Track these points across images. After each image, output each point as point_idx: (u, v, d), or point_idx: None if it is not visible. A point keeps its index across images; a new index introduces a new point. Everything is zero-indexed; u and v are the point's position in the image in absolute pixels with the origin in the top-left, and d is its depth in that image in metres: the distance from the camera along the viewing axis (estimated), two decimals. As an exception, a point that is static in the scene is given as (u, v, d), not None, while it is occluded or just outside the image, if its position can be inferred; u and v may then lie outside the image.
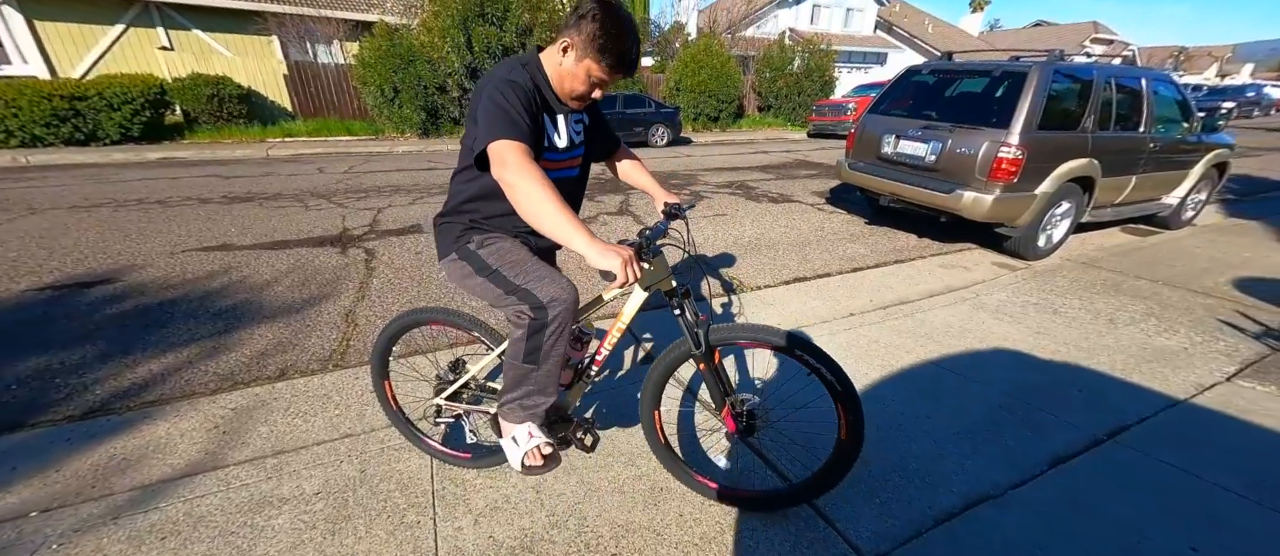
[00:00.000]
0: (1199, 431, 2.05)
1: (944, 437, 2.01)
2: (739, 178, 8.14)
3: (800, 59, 17.75)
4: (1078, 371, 2.52)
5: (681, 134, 13.52)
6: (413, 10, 13.08)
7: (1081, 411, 2.18)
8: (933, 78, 5.00)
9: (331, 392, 2.26)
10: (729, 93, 16.08)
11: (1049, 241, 4.44)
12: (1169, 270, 4.02)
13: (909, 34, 27.41)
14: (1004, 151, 3.93)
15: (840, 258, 4.48)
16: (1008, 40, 38.90)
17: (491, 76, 1.24)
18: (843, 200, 6.60)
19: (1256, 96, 24.50)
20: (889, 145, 4.84)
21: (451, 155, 9.93)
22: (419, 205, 5.77)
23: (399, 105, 11.94)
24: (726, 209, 6.05)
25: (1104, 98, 4.25)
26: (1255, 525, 1.60)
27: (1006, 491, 1.72)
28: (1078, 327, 3.01)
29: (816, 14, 25.63)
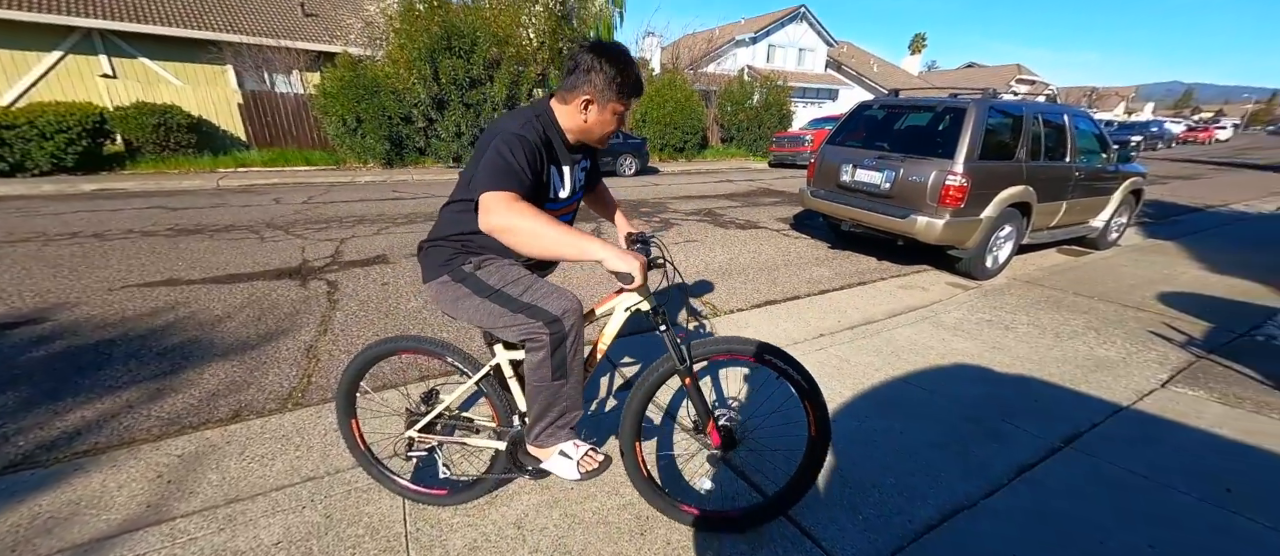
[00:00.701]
0: (1144, 435, 2.20)
1: (917, 451, 2.07)
2: (707, 205, 8.36)
3: (759, 94, 18.68)
4: (1032, 383, 2.67)
5: (649, 164, 13.82)
6: (377, 42, 13.04)
7: (1039, 421, 2.31)
8: (882, 112, 5.37)
9: (292, 433, 2.13)
10: (693, 124, 16.65)
11: (996, 262, 4.75)
12: (1101, 287, 4.36)
13: (857, 73, 29.38)
14: (950, 179, 4.23)
15: (807, 281, 4.63)
16: (944, 79, 42.24)
17: (502, 127, 1.26)
18: (806, 226, 6.87)
19: (1159, 132, 27.44)
20: (847, 174, 5.11)
21: (417, 185, 9.77)
22: (384, 236, 5.62)
23: (362, 135, 11.73)
24: (696, 235, 6.18)
25: (1033, 131, 4.67)
26: (1202, 521, 1.72)
27: (979, 501, 1.79)
28: (1028, 342, 3.20)
29: (772, 53, 27.16)
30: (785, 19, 26.90)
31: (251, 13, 14.50)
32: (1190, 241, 6.07)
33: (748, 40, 26.02)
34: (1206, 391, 2.55)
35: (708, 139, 19.31)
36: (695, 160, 17.14)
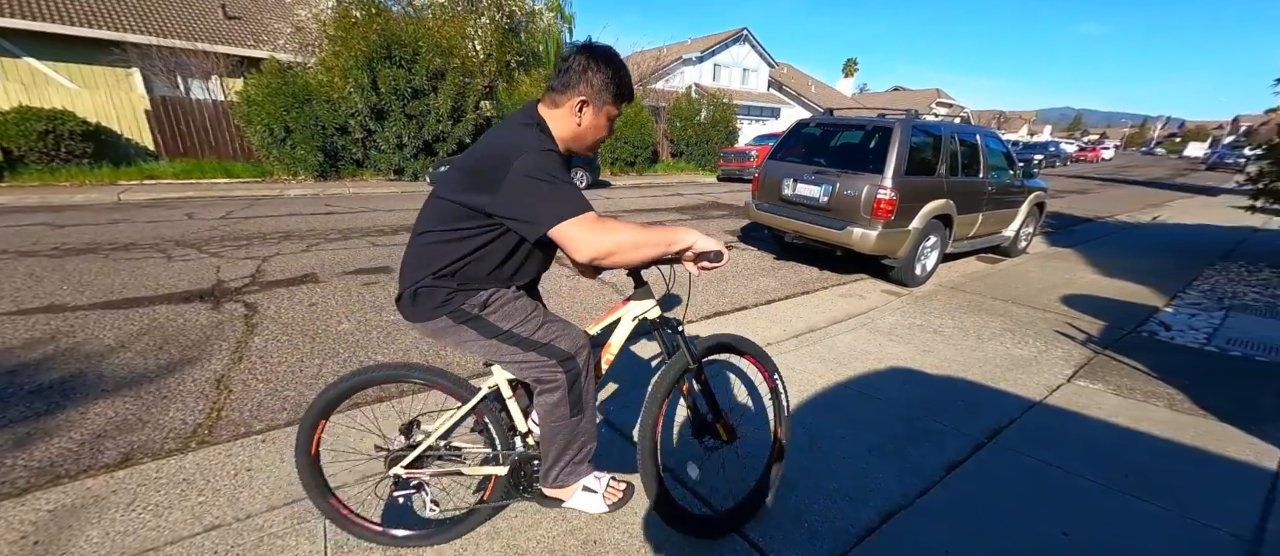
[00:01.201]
0: (1055, 427, 2.40)
1: (858, 454, 2.14)
2: (659, 217, 8.44)
3: (707, 111, 19.27)
4: (958, 383, 2.85)
5: (600, 177, 13.84)
6: (310, 48, 12.34)
7: (965, 418, 2.45)
8: (819, 130, 5.66)
9: (195, 476, 1.90)
10: (643, 139, 16.89)
11: (924, 270, 5.09)
12: (1014, 291, 4.76)
13: (796, 92, 31.02)
14: (881, 193, 4.50)
15: (754, 291, 4.75)
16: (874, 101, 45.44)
17: (516, 148, 1.16)
18: (753, 238, 7.08)
19: (1055, 151, 30.79)
20: (789, 188, 5.33)
21: (354, 199, 9.24)
22: (314, 253, 5.24)
23: (291, 146, 10.98)
24: (647, 249, 6.21)
25: (951, 149, 5.07)
26: (1108, 505, 1.87)
27: (914, 500, 1.86)
28: (954, 344, 3.43)
29: (718, 72, 28.17)
30: (729, 40, 28.03)
31: (165, 13, 13.34)
32: (1085, 249, 6.79)
33: (694, 59, 26.86)
34: (1104, 384, 2.83)
35: (658, 153, 19.64)
36: (646, 174, 17.36)
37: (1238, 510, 1.82)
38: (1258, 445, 2.21)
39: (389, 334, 3.28)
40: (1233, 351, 3.37)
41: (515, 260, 1.32)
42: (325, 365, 2.83)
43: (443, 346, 1.39)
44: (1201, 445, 2.22)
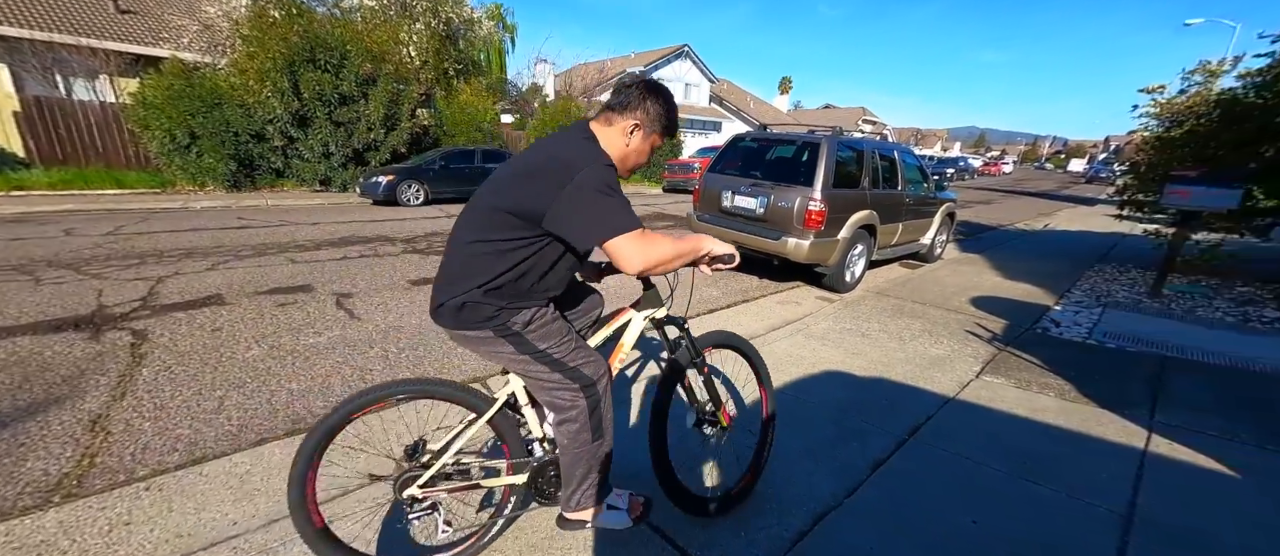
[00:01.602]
0: (966, 421, 2.60)
1: (793, 458, 2.21)
2: (602, 231, 8.44)
3: (651, 124, 19.61)
4: (883, 384, 3.03)
5: (544, 189, 13.68)
6: (220, 48, 11.35)
7: (889, 417, 2.61)
8: (755, 144, 5.90)
9: (55, 536, 1.63)
10: (588, 151, 16.91)
11: (853, 277, 5.40)
12: (931, 294, 5.16)
13: (736, 108, 32.30)
14: (811, 204, 4.74)
15: (698, 301, 4.83)
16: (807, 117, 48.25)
17: (582, 159, 1.21)
18: (696, 249, 7.22)
19: (964, 166, 34.05)
20: (728, 200, 5.50)
21: (273, 212, 8.52)
22: (221, 272, 4.76)
23: (198, 154, 9.99)
24: (591, 261, 6.17)
25: (873, 164, 5.45)
26: (1009, 491, 2.04)
27: (842, 501, 1.94)
28: (879, 347, 3.65)
29: (661, 86, 28.78)
30: (671, 56, 28.78)
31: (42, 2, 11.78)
32: (990, 254, 7.50)
33: (637, 73, 27.32)
34: (1006, 378, 3.11)
35: (604, 165, 19.69)
36: (592, 185, 17.34)
37: (1114, 488, 2.04)
38: (1129, 427, 2.51)
39: (307, 358, 3.02)
40: (1109, 344, 3.82)
41: (556, 273, 1.36)
42: (229, 397, 2.56)
43: (481, 357, 1.47)
44: (1084, 430, 2.49)
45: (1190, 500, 1.97)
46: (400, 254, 5.89)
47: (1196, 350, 3.67)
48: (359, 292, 4.33)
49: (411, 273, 5.11)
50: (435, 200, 10.47)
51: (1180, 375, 3.17)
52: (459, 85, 16.21)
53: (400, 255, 5.83)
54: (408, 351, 3.22)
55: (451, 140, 14.06)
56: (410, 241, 6.65)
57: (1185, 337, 3.95)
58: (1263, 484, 2.07)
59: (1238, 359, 3.49)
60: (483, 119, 15.10)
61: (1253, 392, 2.95)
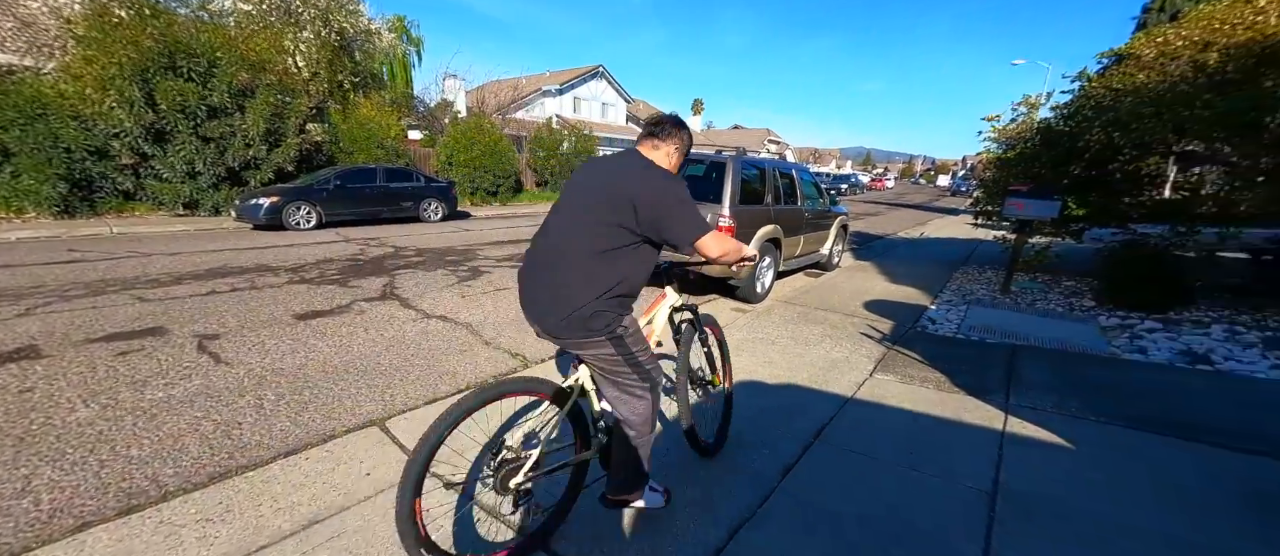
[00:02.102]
0: (862, 418, 2.82)
1: (711, 475, 2.24)
2: (521, 251, 8.18)
3: (569, 142, 19.59)
4: (792, 389, 3.21)
5: (459, 208, 13.02)
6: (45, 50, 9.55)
7: (797, 421, 2.75)
8: (668, 163, 6.08)
9: None
10: (505, 168, 16.43)
11: (763, 288, 5.72)
12: (831, 301, 5.62)
13: (653, 127, 33.36)
14: (721, 220, 4.97)
15: (617, 320, 4.82)
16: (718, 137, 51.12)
17: (671, 181, 1.56)
18: (615, 266, 7.25)
19: (856, 182, 38.02)
20: (643, 218, 5.59)
21: (119, 241, 7.21)
22: (39, 317, 3.90)
23: (13, 173, 8.25)
24: (509, 282, 5.94)
25: (775, 181, 5.86)
26: (899, 481, 2.23)
27: (755, 511, 2.00)
28: (789, 354, 3.87)
29: (578, 105, 28.96)
30: (587, 75, 29.12)
31: None
32: (879, 261, 8.36)
33: (554, 91, 27.26)
34: (894, 375, 3.44)
35: (522, 183, 19.27)
36: (511, 203, 16.85)
37: (981, 470, 2.31)
38: (990, 411, 2.87)
39: (153, 416, 2.55)
40: (973, 337, 4.39)
41: (642, 275, 1.62)
42: (39, 474, 2.07)
43: (594, 362, 1.61)
44: (957, 417, 2.81)
45: (1039, 472, 2.28)
46: (284, 284, 5.25)
47: (1037, 337, 4.33)
48: (228, 333, 3.77)
49: (297, 305, 4.56)
50: (330, 223, 9.54)
51: (1026, 360, 3.71)
52: (357, 99, 15.06)
53: (284, 286, 5.20)
54: (289, 397, 2.84)
55: (349, 158, 12.97)
56: (298, 270, 5.96)
57: (1028, 327, 4.65)
58: (1091, 452, 2.45)
59: (1065, 343, 4.17)
60: (386, 135, 14.12)
61: (1076, 370, 3.52)
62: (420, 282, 5.66)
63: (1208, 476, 2.23)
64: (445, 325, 4.26)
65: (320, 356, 3.44)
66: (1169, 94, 5.15)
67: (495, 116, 19.75)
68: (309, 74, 13.69)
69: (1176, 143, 5.65)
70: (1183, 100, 5.01)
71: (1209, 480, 2.21)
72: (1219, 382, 3.31)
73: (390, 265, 6.51)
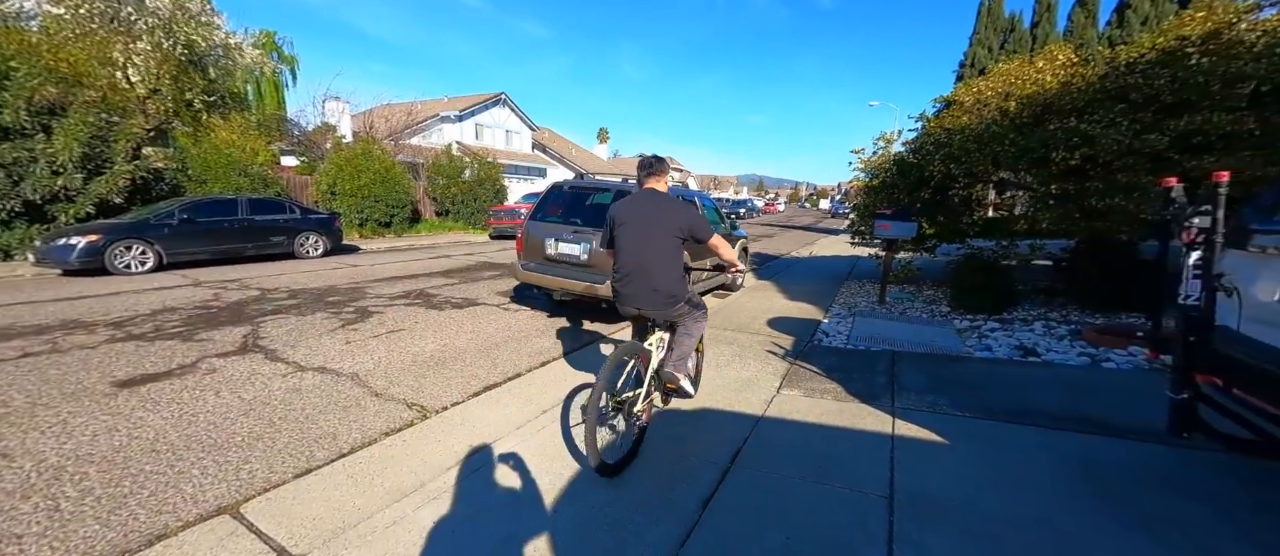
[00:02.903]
0: (773, 438, 2.92)
1: (630, 518, 2.14)
2: (418, 286, 7.54)
3: (472, 169, 18.79)
4: (709, 414, 3.24)
5: (344, 242, 11.75)
6: None
7: (714, 448, 2.77)
8: (573, 191, 6.05)
9: None
10: (399, 197, 15.25)
11: (675, 312, 5.84)
12: (737, 320, 5.89)
13: (560, 155, 33.35)
14: (632, 249, 5.02)
15: (529, 354, 4.59)
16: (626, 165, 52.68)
17: (690, 205, 3.23)
18: (527, 298, 6.97)
19: (752, 206, 41.25)
20: (552, 247, 5.46)
21: None
22: None
23: None
24: (404, 323, 5.40)
25: (681, 209, 6.08)
26: (809, 497, 2.31)
27: (678, 551, 1.94)
28: (704, 377, 3.93)
29: (480, 131, 28.07)
30: (489, 102, 28.43)
31: None
32: (776, 280, 9.00)
33: (454, 117, 26.16)
34: (799, 390, 3.64)
35: (420, 213, 18.03)
36: (407, 235, 15.62)
37: (878, 474, 2.49)
38: (880, 416, 3.15)
39: (-126, 547, 1.84)
40: (860, 346, 4.84)
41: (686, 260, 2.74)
42: None
43: (678, 318, 2.68)
44: (854, 425, 3.03)
45: (923, 470, 2.51)
46: (103, 344, 4.26)
47: (910, 342, 4.90)
48: (9, 415, 2.92)
49: (121, 368, 3.71)
50: (174, 264, 8.06)
51: (904, 365, 4.16)
52: (213, 121, 13.13)
53: (103, 346, 4.21)
54: (101, 491, 2.24)
55: (203, 187, 11.20)
56: (124, 324, 4.89)
57: (902, 334, 5.25)
58: (965, 446, 2.76)
59: (931, 346, 4.77)
60: (251, 161, 12.45)
61: (942, 370, 4.02)
62: (293, 329, 4.93)
63: (1057, 459, 2.59)
64: (324, 378, 3.73)
65: (150, 432, 2.79)
66: (986, 132, 6.27)
67: (387, 142, 18.39)
68: (146, 90, 11.68)
69: (995, 172, 6.88)
70: (996, 138, 6.13)
71: (1059, 462, 2.56)
72: (1046, 372, 3.97)
73: (254, 311, 5.61)
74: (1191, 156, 5.12)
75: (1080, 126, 5.47)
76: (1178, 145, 5.17)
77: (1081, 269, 5.72)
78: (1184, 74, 5.26)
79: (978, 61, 22.81)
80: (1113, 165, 5.41)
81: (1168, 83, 5.30)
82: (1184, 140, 5.16)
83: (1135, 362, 4.10)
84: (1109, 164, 5.43)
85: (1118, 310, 5.69)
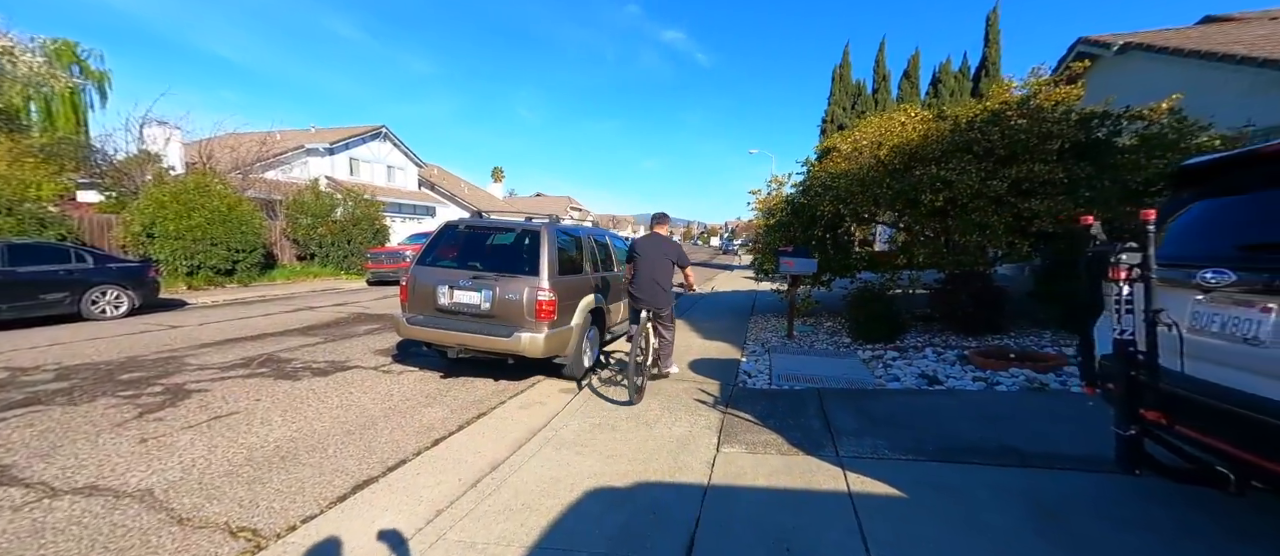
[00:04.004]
0: (727, 513, 2.52)
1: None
2: (267, 349, 6.07)
3: (345, 207, 16.61)
4: (646, 489, 2.76)
5: (163, 295, 9.34)
6: None
7: (660, 535, 2.29)
8: (470, 232, 5.35)
9: None
10: (246, 239, 12.78)
11: (589, 361, 5.30)
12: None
13: (450, 193, 31.33)
14: (541, 295, 4.45)
15: (417, 430, 3.73)
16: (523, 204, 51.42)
17: (678, 243, 5.11)
18: (413, 355, 5.93)
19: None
20: (445, 296, 4.67)
21: None
22: None
23: None
24: (239, 402, 4.16)
25: (591, 248, 5.68)
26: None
27: None
28: (632, 440, 3.45)
29: (356, 166, 25.31)
30: (367, 135, 25.90)
31: None
32: (688, 318, 8.92)
33: (323, 150, 23.26)
34: (740, 445, 3.33)
35: (276, 257, 15.36)
36: (257, 284, 13.08)
37: (850, 545, 2.21)
38: (830, 470, 2.93)
39: None
40: (784, 386, 4.75)
41: None
42: None
43: (658, 311, 4.62)
44: (809, 485, 2.76)
45: (896, 536, 2.29)
46: None
47: (827, 378, 4.94)
48: None
49: None
50: None
51: (832, 405, 4.08)
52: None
53: None
54: None
55: (-70, 230, 8.24)
56: None
57: (818, 369, 5.31)
58: (920, 498, 2.59)
59: (848, 381, 4.84)
60: (25, 196, 9.60)
61: (866, 407, 4.01)
62: (52, 429, 3.49)
63: (1010, 500, 2.49)
64: (91, 504, 2.55)
65: None
66: (868, 176, 6.90)
67: (233, 175, 15.56)
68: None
69: (877, 213, 7.59)
70: (876, 182, 6.76)
71: (1013, 503, 2.47)
72: (953, 400, 4.17)
73: (175, 368, 3.95)
74: (1023, 199, 6.05)
75: (941, 173, 6.22)
76: (1012, 190, 6.09)
77: (953, 297, 6.38)
78: (1010, 132, 6.28)
79: (836, 118, 26.39)
80: (968, 206, 6.20)
81: (1000, 138, 6.29)
82: (1016, 186, 6.10)
83: (1018, 383, 4.50)
84: (965, 205, 6.22)
85: (986, 333, 6.42)
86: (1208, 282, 1.89)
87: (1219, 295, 1.90)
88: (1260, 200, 1.96)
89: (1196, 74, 8.05)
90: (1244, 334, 1.78)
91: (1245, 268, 1.82)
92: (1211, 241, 2.07)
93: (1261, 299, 1.74)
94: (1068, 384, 4.40)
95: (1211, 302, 1.93)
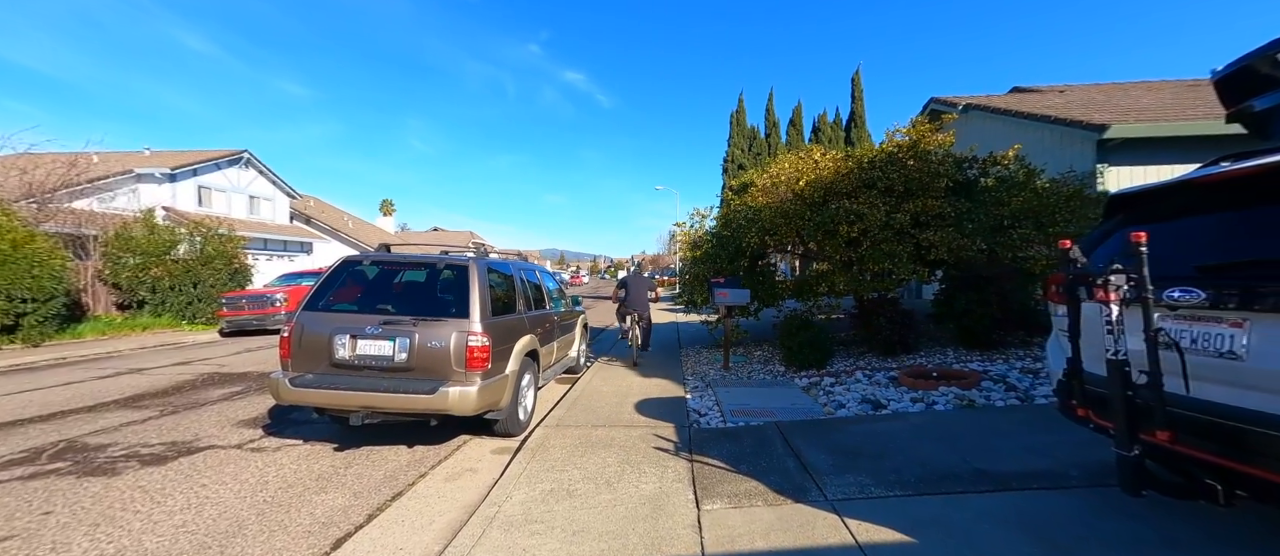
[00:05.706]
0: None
1: None
2: (66, 433, 4.47)
3: (192, 242, 13.76)
4: (632, 573, 2.27)
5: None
6: None
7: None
8: (376, 268, 4.51)
9: None
10: (39, 285, 9.85)
11: (526, 412, 4.65)
12: (603, 411, 5.02)
13: (332, 227, 27.84)
14: (472, 340, 3.79)
15: (307, 529, 2.84)
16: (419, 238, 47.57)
17: (648, 276, 11.36)
18: (295, 422, 4.76)
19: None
20: (345, 348, 3.79)
21: None
22: None
23: None
24: (12, 523, 2.86)
25: (524, 286, 5.10)
26: None
27: None
28: (596, 506, 2.93)
29: (207, 195, 21.45)
30: (222, 160, 22.16)
31: None
32: (614, 353, 8.50)
33: (159, 176, 19.32)
34: (721, 501, 2.96)
35: (86, 306, 12.12)
36: (51, 343, 10.09)
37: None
38: (826, 518, 2.68)
39: None
40: (740, 422, 4.53)
41: None
42: None
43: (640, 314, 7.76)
44: (813, 543, 2.47)
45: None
46: None
47: (779, 410, 4.83)
48: None
49: None
50: None
51: (796, 439, 3.91)
52: None
53: None
54: None
55: None
56: None
57: (766, 402, 5.21)
58: (929, 541, 2.40)
59: (796, 412, 4.78)
60: None
61: (829, 441, 3.89)
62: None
63: (1009, 535, 2.38)
64: None
65: None
66: (790, 209, 7.23)
67: (27, 204, 12.15)
68: None
69: (800, 243, 7.97)
70: (798, 214, 7.10)
71: (1014, 539, 2.37)
72: (904, 424, 4.24)
73: None
74: (921, 230, 6.73)
75: (854, 206, 6.71)
76: (913, 222, 6.75)
77: (872, 320, 6.80)
78: (906, 171, 7.01)
79: (736, 158, 28.52)
80: (878, 237, 6.73)
81: (897, 177, 6.99)
82: (915, 219, 6.79)
83: (950, 401, 4.77)
84: (876, 235, 6.75)
85: (901, 354, 6.91)
86: (1175, 300, 2.01)
87: (1185, 312, 2.02)
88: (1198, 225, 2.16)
89: (1016, 130, 9.97)
90: (1218, 348, 1.89)
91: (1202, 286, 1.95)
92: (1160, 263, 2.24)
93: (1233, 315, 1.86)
94: (990, 399, 4.77)
95: (1177, 319, 2.05)
